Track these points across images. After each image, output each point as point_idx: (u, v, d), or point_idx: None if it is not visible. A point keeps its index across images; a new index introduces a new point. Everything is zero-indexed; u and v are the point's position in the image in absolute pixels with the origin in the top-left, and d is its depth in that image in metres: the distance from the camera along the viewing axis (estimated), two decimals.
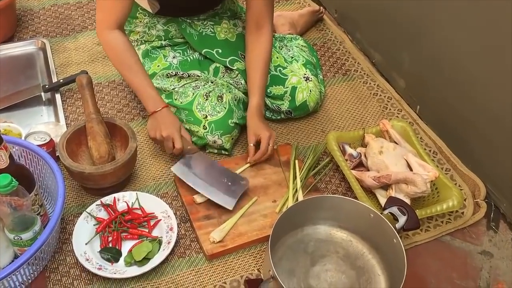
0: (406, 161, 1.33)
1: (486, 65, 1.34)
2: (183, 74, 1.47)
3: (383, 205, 1.28)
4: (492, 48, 1.30)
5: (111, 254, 1.18)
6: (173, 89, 1.46)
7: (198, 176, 1.30)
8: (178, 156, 1.36)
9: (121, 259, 1.19)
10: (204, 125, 1.39)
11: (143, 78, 1.35)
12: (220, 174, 1.32)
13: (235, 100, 1.45)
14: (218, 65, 1.50)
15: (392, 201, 1.20)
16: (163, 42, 1.52)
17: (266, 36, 1.44)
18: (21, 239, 1.10)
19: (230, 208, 1.26)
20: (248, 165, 1.39)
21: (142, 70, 1.36)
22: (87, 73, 1.56)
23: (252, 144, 1.38)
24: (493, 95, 1.34)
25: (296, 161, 1.40)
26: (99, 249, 1.20)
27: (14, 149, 1.25)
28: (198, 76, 1.47)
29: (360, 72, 1.75)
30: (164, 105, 1.35)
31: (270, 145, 1.37)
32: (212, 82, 1.46)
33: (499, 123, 1.33)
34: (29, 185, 1.13)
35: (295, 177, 1.37)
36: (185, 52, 1.51)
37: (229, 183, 1.30)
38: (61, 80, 1.57)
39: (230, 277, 1.20)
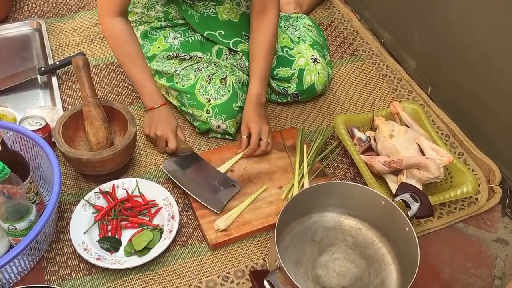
0: (418, 145, 1.28)
1: (501, 43, 1.28)
2: (184, 56, 1.42)
3: (393, 191, 1.24)
4: (508, 25, 1.24)
5: (110, 243, 1.15)
6: (174, 71, 1.40)
7: (188, 176, 1.26)
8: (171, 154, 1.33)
9: (121, 249, 1.15)
10: (207, 109, 1.34)
11: (143, 71, 1.32)
12: (211, 176, 1.27)
13: (239, 83, 1.40)
14: (221, 46, 1.45)
15: (404, 187, 1.15)
16: (163, 23, 1.46)
17: (271, 19, 1.36)
18: (15, 228, 1.06)
19: (218, 212, 1.21)
20: (239, 156, 1.33)
21: (143, 63, 1.33)
22: (84, 54, 1.51)
23: (244, 136, 1.33)
24: (508, 75, 1.28)
25: (305, 146, 1.35)
26: (97, 238, 1.16)
27: (8, 135, 1.20)
28: (200, 58, 1.42)
29: (369, 52, 1.69)
30: (162, 102, 1.33)
31: (264, 139, 1.31)
32: (215, 64, 1.41)
33: None
34: (23, 173, 1.09)
35: (301, 162, 1.32)
36: (186, 33, 1.46)
37: (219, 186, 1.25)
38: (58, 62, 1.53)
39: (235, 267, 1.16)
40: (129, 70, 1.33)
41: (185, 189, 1.24)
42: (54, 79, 1.50)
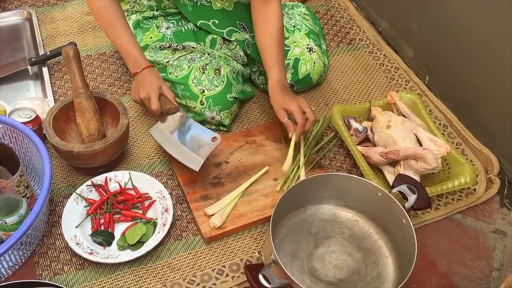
0: (416, 135, 1.26)
1: (500, 32, 1.26)
2: (177, 46, 1.39)
3: (390, 183, 1.23)
4: (507, 14, 1.22)
5: (103, 237, 1.13)
6: (167, 62, 1.38)
7: (172, 137, 1.22)
8: (158, 116, 1.27)
9: (114, 243, 1.14)
10: (201, 101, 1.32)
11: (126, 37, 1.28)
12: (194, 133, 1.22)
13: (234, 73, 1.37)
14: (215, 36, 1.42)
15: (401, 178, 1.14)
16: (155, 13, 1.43)
17: (275, 9, 1.30)
18: (5, 223, 1.04)
19: (196, 169, 1.16)
20: (293, 142, 1.25)
21: (125, 29, 1.29)
22: (75, 44, 1.47)
23: (286, 119, 1.24)
24: (508, 64, 1.26)
25: (302, 137, 1.32)
26: (90, 232, 1.15)
27: None
28: (193, 48, 1.39)
29: (366, 41, 1.67)
30: (145, 65, 1.28)
31: (307, 110, 1.23)
32: (208, 54, 1.38)
33: None
34: (13, 166, 1.07)
35: (297, 154, 1.30)
36: (179, 22, 1.43)
37: (201, 141, 1.20)
38: (48, 53, 1.50)
39: (230, 260, 1.14)
40: (112, 37, 1.30)
41: (165, 149, 1.20)
42: (45, 70, 1.47)
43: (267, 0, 1.30)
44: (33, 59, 1.49)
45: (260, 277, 0.97)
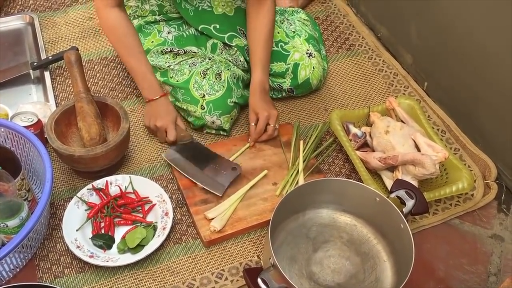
0: (414, 141, 1.27)
1: (498, 38, 1.27)
2: (178, 50, 1.40)
3: (389, 188, 1.24)
4: (505, 20, 1.23)
5: (104, 240, 1.14)
6: (168, 66, 1.39)
7: (189, 163, 1.27)
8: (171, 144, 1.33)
9: (114, 246, 1.14)
10: (201, 105, 1.33)
11: (143, 63, 1.32)
12: (212, 161, 1.28)
13: (234, 78, 1.38)
14: (215, 41, 1.43)
15: (399, 184, 1.14)
16: (157, 17, 1.44)
17: (268, 8, 1.36)
18: (7, 226, 1.05)
19: (220, 195, 1.22)
20: (247, 145, 1.33)
21: (142, 55, 1.33)
22: (77, 49, 1.49)
23: (253, 124, 1.33)
24: (506, 70, 1.27)
25: (301, 142, 1.34)
26: (90, 235, 1.15)
27: None
28: (194, 52, 1.41)
29: (365, 47, 1.68)
30: (162, 93, 1.33)
31: (271, 124, 1.32)
32: (209, 59, 1.40)
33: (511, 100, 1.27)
34: (14, 169, 1.07)
35: (296, 158, 1.31)
36: (181, 27, 1.44)
37: (221, 169, 1.26)
38: (50, 57, 1.51)
39: (229, 264, 1.15)
40: (128, 62, 1.33)
41: (186, 175, 1.24)
42: (46, 74, 1.49)
43: (261, 1, 1.34)
44: (35, 64, 1.50)
45: (259, 281, 0.97)
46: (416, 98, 1.53)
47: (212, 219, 1.18)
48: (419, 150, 1.26)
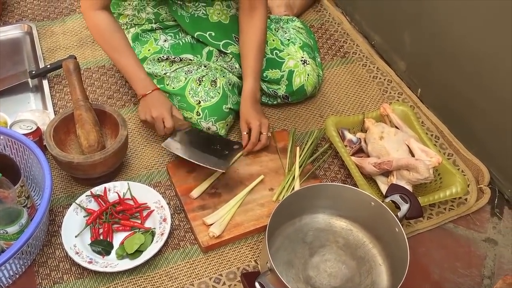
0: (408, 146, 1.29)
1: (491, 44, 1.29)
2: (175, 58, 1.42)
3: (384, 193, 1.25)
4: (497, 26, 1.25)
5: (102, 246, 1.15)
6: (164, 74, 1.41)
7: (189, 148, 1.27)
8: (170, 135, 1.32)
9: (113, 252, 1.15)
10: (197, 111, 1.34)
11: (132, 60, 1.32)
12: (213, 142, 1.29)
13: (230, 85, 1.40)
14: (211, 48, 1.45)
15: (394, 188, 1.16)
16: (154, 25, 1.46)
17: (260, 16, 1.38)
18: (6, 232, 1.06)
19: (224, 170, 1.23)
20: (241, 153, 1.34)
21: (131, 52, 1.33)
22: (75, 57, 1.50)
23: (245, 133, 1.34)
24: (498, 76, 1.29)
25: (297, 148, 1.36)
26: (89, 241, 1.16)
27: None
28: (190, 60, 1.42)
29: (359, 54, 1.70)
30: (154, 87, 1.32)
31: (264, 133, 1.33)
32: (205, 66, 1.41)
33: (504, 105, 1.29)
34: (14, 176, 1.09)
35: (292, 164, 1.33)
36: (177, 35, 1.46)
37: (222, 149, 1.27)
38: (49, 66, 1.52)
39: (227, 269, 1.16)
40: (117, 61, 1.33)
41: (188, 158, 1.24)
42: (45, 83, 1.50)
43: (253, 9, 1.36)
44: (33, 72, 1.51)
45: (257, 284, 0.99)
46: (410, 104, 1.55)
47: (211, 224, 1.19)
48: (413, 155, 1.28)
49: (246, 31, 1.39)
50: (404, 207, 1.12)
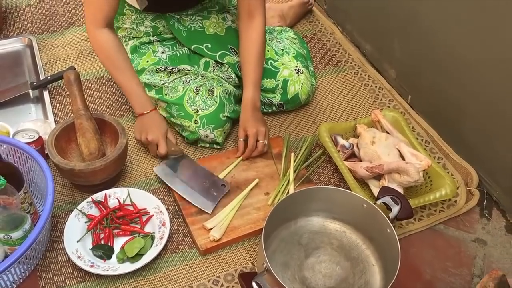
0: (399, 150, 1.33)
1: (478, 51, 1.33)
2: (172, 68, 1.46)
3: (376, 195, 1.28)
4: (484, 34, 1.29)
5: (103, 251, 1.18)
6: (163, 84, 1.44)
7: (179, 178, 1.31)
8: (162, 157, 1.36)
9: (114, 256, 1.18)
10: (195, 120, 1.38)
11: (131, 78, 1.36)
12: (202, 177, 1.32)
13: (226, 94, 1.44)
14: (208, 59, 1.49)
15: (385, 191, 1.20)
16: (152, 38, 1.50)
17: (259, 27, 1.40)
18: (11, 238, 1.09)
19: (209, 212, 1.25)
20: (239, 160, 1.38)
21: (131, 71, 1.37)
22: (74, 69, 1.54)
23: (241, 139, 1.37)
24: (485, 82, 1.33)
25: (292, 154, 1.39)
26: (91, 246, 1.19)
27: (2, 148, 1.23)
28: (188, 70, 1.46)
29: (351, 63, 1.75)
30: (152, 108, 1.36)
31: (260, 140, 1.36)
32: (202, 76, 1.45)
33: (491, 110, 1.33)
34: (18, 183, 1.11)
35: (287, 169, 1.36)
36: (174, 47, 1.50)
37: (210, 187, 1.30)
38: (49, 77, 1.56)
39: (224, 271, 1.19)
40: (118, 78, 1.37)
41: (176, 191, 1.28)
42: (45, 94, 1.53)
43: (252, 18, 1.39)
44: (34, 83, 1.54)
45: (254, 284, 1.01)
46: (401, 110, 1.59)
47: (210, 229, 1.22)
48: (403, 159, 1.32)
49: (245, 41, 1.42)
50: (395, 209, 1.15)
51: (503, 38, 1.23)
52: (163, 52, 1.49)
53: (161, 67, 1.46)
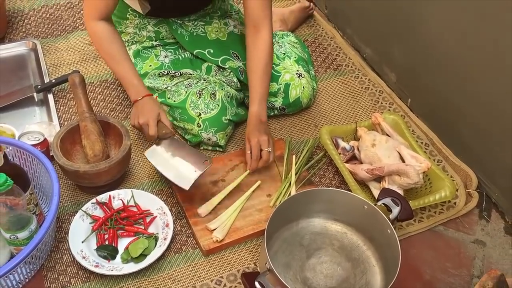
0: (399, 153, 1.35)
1: (476, 56, 1.35)
2: (175, 73, 1.47)
3: (376, 197, 1.30)
4: (482, 38, 1.31)
5: (108, 251, 1.19)
6: (165, 88, 1.46)
7: (165, 159, 1.29)
8: (154, 141, 1.34)
9: (118, 256, 1.20)
10: (198, 123, 1.40)
11: (126, 67, 1.36)
12: (186, 156, 1.30)
13: (228, 97, 1.46)
14: (210, 64, 1.50)
15: (385, 192, 1.21)
16: (154, 43, 1.52)
17: (265, 39, 1.39)
18: (17, 238, 1.10)
19: (186, 189, 1.23)
20: (247, 172, 1.36)
21: (126, 60, 1.37)
22: (79, 72, 1.56)
23: (248, 152, 1.35)
24: (484, 85, 1.35)
25: (293, 156, 1.41)
26: (95, 247, 1.21)
27: (8, 149, 1.25)
28: (190, 74, 1.48)
29: (351, 67, 1.77)
30: (145, 94, 1.35)
31: (264, 149, 1.34)
32: (204, 80, 1.47)
33: (490, 113, 1.35)
34: (24, 184, 1.13)
35: (289, 172, 1.38)
36: (177, 51, 1.52)
37: (192, 164, 1.27)
38: (53, 80, 1.57)
39: (227, 271, 1.21)
40: (113, 67, 1.38)
41: (159, 169, 1.27)
42: (50, 96, 1.55)
43: (258, 29, 1.38)
44: (39, 87, 1.56)
45: (256, 284, 1.03)
46: (401, 113, 1.60)
47: (213, 230, 1.24)
48: (403, 161, 1.33)
49: (251, 54, 1.41)
50: (396, 210, 1.17)
51: (501, 42, 1.25)
52: (165, 57, 1.51)
53: (163, 71, 1.48)
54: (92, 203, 1.27)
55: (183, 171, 1.27)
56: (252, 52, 1.40)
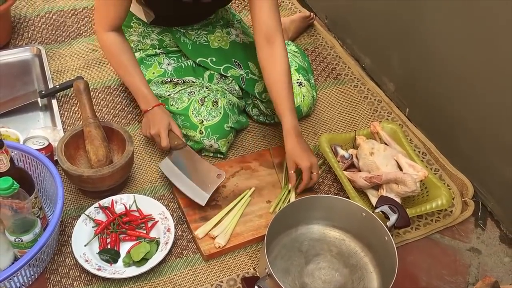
0: (396, 161, 1.37)
1: (473, 67, 1.37)
2: (178, 80, 1.50)
3: (374, 205, 1.32)
4: (479, 49, 1.34)
5: (110, 255, 1.21)
6: (168, 95, 1.48)
7: (180, 171, 1.32)
8: (167, 151, 1.37)
9: (120, 260, 1.21)
10: (200, 130, 1.42)
11: (137, 77, 1.39)
12: (200, 169, 1.32)
13: (230, 105, 1.48)
14: (212, 72, 1.53)
15: (383, 200, 1.23)
16: (157, 51, 1.54)
17: (280, 50, 1.36)
18: (21, 241, 1.12)
19: (202, 204, 1.26)
20: (289, 189, 1.35)
21: (136, 70, 1.39)
22: (82, 78, 1.58)
23: (292, 171, 1.32)
24: (481, 96, 1.37)
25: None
26: (98, 250, 1.23)
27: (13, 154, 1.26)
28: (193, 82, 1.50)
29: (351, 76, 1.79)
30: (155, 103, 1.38)
31: (314, 172, 1.31)
32: (207, 88, 1.49)
33: (487, 123, 1.37)
34: (29, 188, 1.15)
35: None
36: (180, 59, 1.54)
37: (205, 179, 1.30)
38: (57, 86, 1.59)
39: (227, 276, 1.23)
40: (124, 77, 1.41)
41: (175, 184, 1.30)
42: (54, 102, 1.57)
43: (271, 41, 1.36)
44: (43, 92, 1.58)
45: None
46: (399, 123, 1.63)
47: (216, 236, 1.26)
48: (401, 170, 1.35)
49: (269, 66, 1.37)
50: (393, 217, 1.19)
51: (499, 53, 1.27)
52: (168, 64, 1.53)
53: (166, 79, 1.50)
54: (95, 207, 1.29)
55: (198, 185, 1.29)
56: (270, 66, 1.37)
